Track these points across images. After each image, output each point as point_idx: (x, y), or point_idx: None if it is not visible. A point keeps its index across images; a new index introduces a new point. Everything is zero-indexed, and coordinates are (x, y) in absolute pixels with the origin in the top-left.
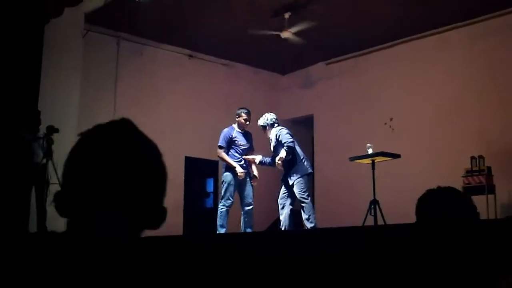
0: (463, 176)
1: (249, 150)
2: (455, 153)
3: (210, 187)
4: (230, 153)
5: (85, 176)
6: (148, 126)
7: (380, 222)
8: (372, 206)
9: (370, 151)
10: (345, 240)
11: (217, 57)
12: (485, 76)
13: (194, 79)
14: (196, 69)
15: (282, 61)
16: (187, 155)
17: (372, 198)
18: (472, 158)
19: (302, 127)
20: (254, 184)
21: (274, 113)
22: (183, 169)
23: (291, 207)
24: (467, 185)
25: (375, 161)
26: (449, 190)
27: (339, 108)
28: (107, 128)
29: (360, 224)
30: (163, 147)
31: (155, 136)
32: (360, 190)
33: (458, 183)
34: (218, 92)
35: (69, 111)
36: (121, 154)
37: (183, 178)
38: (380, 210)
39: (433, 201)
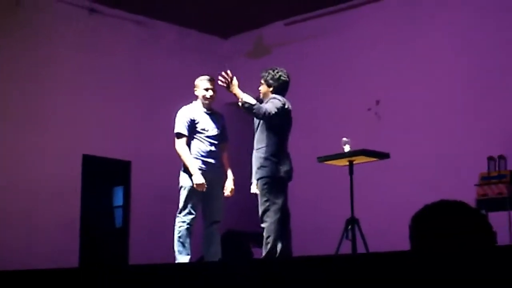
0: (477, 185)
1: (221, 141)
2: (467, 152)
3: (118, 199)
4: (191, 145)
5: None
6: (29, 110)
7: (360, 249)
8: (350, 226)
9: (347, 148)
10: (310, 274)
11: (128, 11)
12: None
13: (96, 44)
14: (99, 29)
15: (224, 18)
16: (86, 153)
17: (349, 215)
18: (490, 159)
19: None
20: (229, 195)
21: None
22: (80, 173)
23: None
24: (482, 198)
25: (354, 162)
26: (456, 205)
27: (303, 87)
28: None
29: (332, 252)
30: (50, 140)
31: (38, 126)
32: (333, 204)
33: (469, 195)
34: (129, 63)
35: None
36: None
37: (80, 186)
38: (361, 232)
39: (434, 221)
